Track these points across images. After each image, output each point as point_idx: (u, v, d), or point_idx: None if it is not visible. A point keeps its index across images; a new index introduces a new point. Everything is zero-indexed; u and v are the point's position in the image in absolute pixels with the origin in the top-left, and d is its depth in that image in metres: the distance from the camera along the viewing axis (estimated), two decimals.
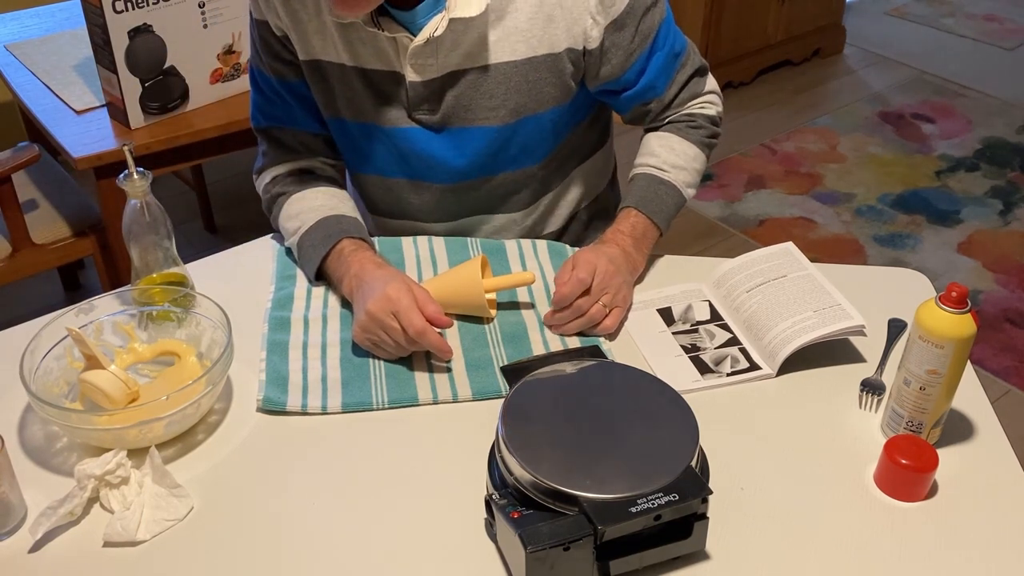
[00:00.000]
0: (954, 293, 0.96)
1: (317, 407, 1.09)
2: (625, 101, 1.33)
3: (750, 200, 3.13)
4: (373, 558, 0.93)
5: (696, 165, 1.36)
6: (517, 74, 1.23)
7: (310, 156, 1.35)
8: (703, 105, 1.37)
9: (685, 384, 1.12)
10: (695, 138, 1.35)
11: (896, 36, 4.35)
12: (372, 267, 1.18)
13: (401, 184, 1.36)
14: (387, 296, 1.10)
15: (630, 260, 1.26)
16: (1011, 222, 3.04)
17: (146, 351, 1.16)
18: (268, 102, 1.32)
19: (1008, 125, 3.60)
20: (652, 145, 1.35)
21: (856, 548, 0.94)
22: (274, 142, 1.34)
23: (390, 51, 1.22)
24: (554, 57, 1.23)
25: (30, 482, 1.00)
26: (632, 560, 0.88)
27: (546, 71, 1.24)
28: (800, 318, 1.15)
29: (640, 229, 1.29)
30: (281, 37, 1.26)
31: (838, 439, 1.07)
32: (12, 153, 1.97)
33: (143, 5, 1.81)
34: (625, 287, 1.22)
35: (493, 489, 0.92)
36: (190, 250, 2.31)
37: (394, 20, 1.20)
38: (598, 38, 1.23)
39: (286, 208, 1.31)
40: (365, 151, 1.34)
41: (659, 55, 1.29)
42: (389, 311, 1.09)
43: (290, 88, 1.30)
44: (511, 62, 1.22)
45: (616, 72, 1.27)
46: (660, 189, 1.31)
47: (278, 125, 1.33)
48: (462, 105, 1.26)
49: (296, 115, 1.32)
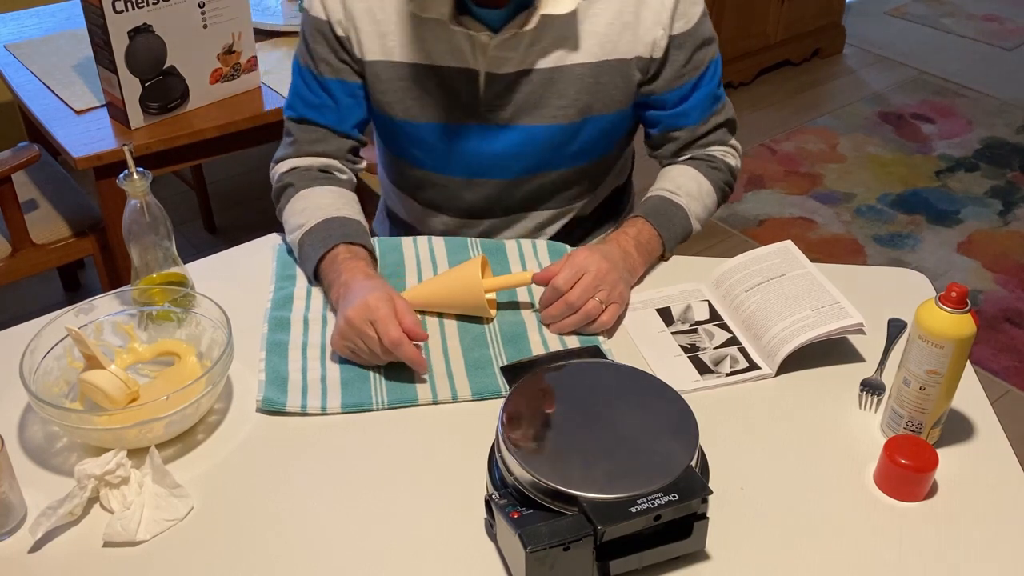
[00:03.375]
0: (954, 293, 0.96)
1: (317, 408, 1.09)
2: (657, 120, 1.37)
3: (750, 200, 3.13)
4: (373, 558, 0.93)
5: (708, 202, 1.37)
6: (589, 75, 1.29)
7: (334, 155, 1.35)
8: (725, 153, 1.40)
9: (684, 384, 1.12)
10: (713, 178, 1.37)
11: (896, 36, 4.35)
12: (361, 277, 1.18)
13: (457, 182, 1.40)
14: (366, 304, 1.09)
15: (629, 260, 1.26)
16: (1011, 222, 3.04)
17: (146, 351, 1.16)
18: (310, 94, 1.33)
19: (1008, 125, 3.60)
20: (672, 174, 1.38)
21: (856, 548, 0.94)
22: (304, 134, 1.35)
23: (466, 48, 1.26)
24: (625, 63, 1.29)
25: (30, 482, 1.00)
26: (632, 560, 0.88)
27: (616, 75, 1.30)
28: (799, 317, 1.15)
29: (645, 236, 1.30)
30: (342, 37, 1.28)
31: (838, 439, 1.07)
32: (12, 153, 1.97)
33: (143, 5, 1.81)
34: (621, 284, 1.21)
35: (493, 489, 0.92)
36: (190, 250, 2.31)
37: (473, 18, 1.23)
38: (663, 48, 1.29)
39: (292, 203, 1.31)
40: (425, 149, 1.37)
41: (703, 90, 1.35)
42: (367, 319, 1.09)
43: (339, 86, 1.32)
44: (585, 64, 1.28)
45: (661, 88, 1.33)
46: (671, 210, 1.33)
47: (314, 119, 1.34)
48: (532, 103, 1.30)
49: (336, 113, 1.33)
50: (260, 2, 2.44)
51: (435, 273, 1.32)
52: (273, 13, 2.39)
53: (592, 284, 1.17)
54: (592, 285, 1.17)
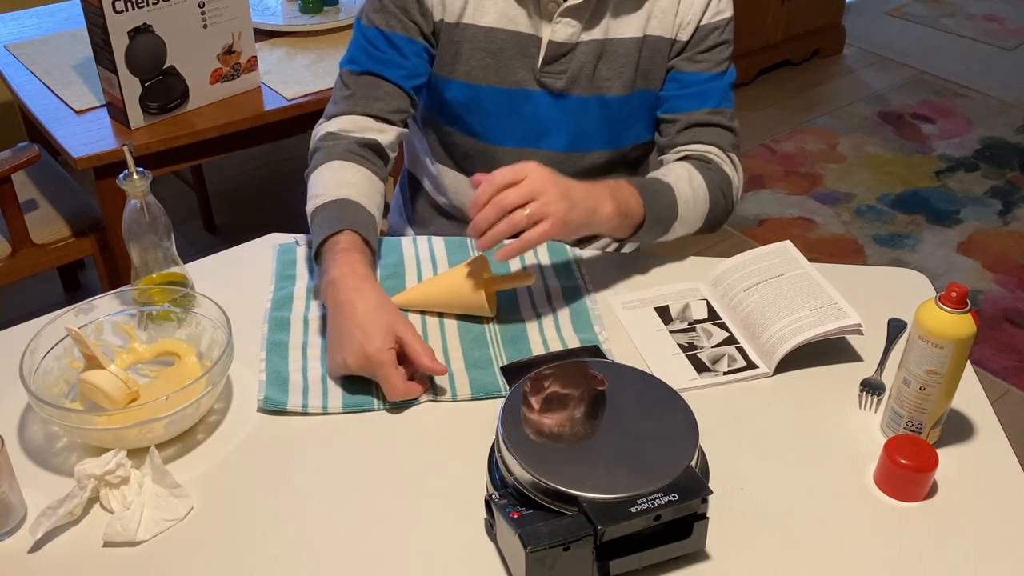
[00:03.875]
0: (954, 293, 0.96)
1: (318, 407, 1.09)
2: (666, 98, 1.40)
3: (750, 200, 3.13)
4: (373, 558, 0.93)
5: (700, 193, 1.31)
6: (635, 49, 1.35)
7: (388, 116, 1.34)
8: (723, 161, 1.38)
9: (681, 382, 1.12)
10: (705, 175, 1.33)
11: (896, 36, 4.35)
12: (350, 280, 1.12)
13: (507, 151, 1.41)
14: (366, 355, 1.06)
15: (593, 195, 1.16)
16: (1011, 222, 3.04)
17: (146, 351, 1.16)
18: (376, 50, 1.34)
19: (1008, 125, 3.61)
20: (661, 168, 1.36)
21: (856, 548, 0.94)
22: (364, 87, 1.34)
23: (533, 12, 1.32)
24: (664, 41, 1.35)
25: (30, 482, 1.00)
26: (632, 560, 0.88)
27: (656, 52, 1.36)
28: (797, 317, 1.15)
29: (625, 193, 1.21)
30: None
31: (838, 439, 1.07)
32: (12, 153, 1.97)
33: (143, 5, 1.81)
34: (562, 203, 1.10)
35: (493, 489, 0.92)
36: (190, 250, 2.31)
37: None
38: (690, 32, 1.35)
39: (321, 170, 1.28)
40: (481, 115, 1.40)
41: (714, 83, 1.38)
42: (368, 370, 1.08)
43: (408, 44, 1.33)
44: (633, 38, 1.34)
45: (676, 66, 1.37)
46: (655, 184, 1.29)
47: (379, 72, 1.34)
48: (586, 73, 1.35)
49: (402, 68, 1.34)
50: (260, 2, 2.44)
51: (435, 273, 1.32)
52: (273, 13, 2.39)
53: (526, 189, 1.09)
54: (526, 191, 1.09)
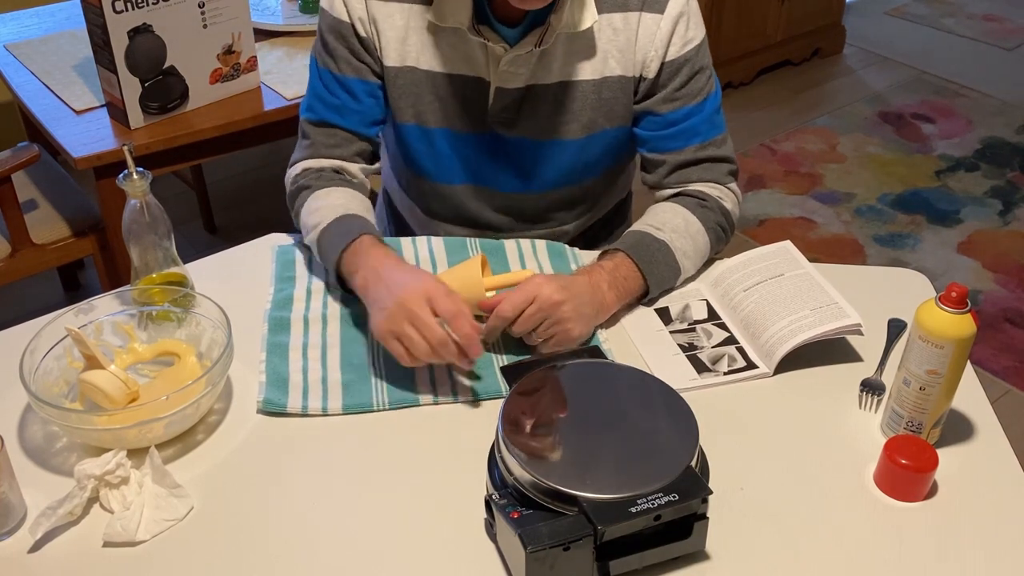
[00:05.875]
0: (954, 293, 0.96)
1: (318, 409, 1.09)
2: (645, 139, 1.34)
3: (750, 200, 3.13)
4: (373, 558, 0.93)
5: (699, 241, 1.28)
6: (593, 92, 1.30)
7: (350, 158, 1.34)
8: (722, 195, 1.33)
9: (681, 382, 1.12)
10: (702, 216, 1.29)
11: (896, 36, 4.35)
12: (392, 262, 1.14)
13: (461, 191, 1.40)
14: (424, 287, 1.06)
15: (596, 295, 1.17)
16: (1011, 222, 3.04)
17: (146, 351, 1.16)
18: (330, 95, 1.32)
19: (1008, 125, 3.60)
20: (656, 211, 1.31)
21: (856, 548, 0.94)
22: (322, 137, 1.33)
23: (480, 58, 1.27)
24: (625, 80, 1.30)
25: (30, 482, 1.00)
26: (632, 560, 0.88)
27: (618, 90, 1.30)
28: (797, 317, 1.15)
29: (623, 273, 1.21)
30: (364, 38, 1.29)
31: (838, 439, 1.07)
32: (12, 153, 1.97)
33: (143, 5, 1.81)
34: (573, 322, 1.12)
35: (493, 489, 0.92)
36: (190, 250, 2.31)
37: (491, 29, 1.24)
38: (655, 71, 1.28)
39: (308, 203, 1.28)
40: (433, 157, 1.38)
41: (698, 117, 1.31)
42: (423, 300, 1.05)
43: (360, 85, 1.31)
44: (590, 80, 1.29)
45: (652, 108, 1.31)
46: (653, 245, 1.24)
47: (334, 122, 1.33)
48: (539, 118, 1.31)
49: (356, 114, 1.32)
50: (260, 2, 2.44)
51: (435, 273, 1.32)
52: (273, 13, 2.39)
53: (536, 315, 1.10)
54: (535, 316, 1.10)
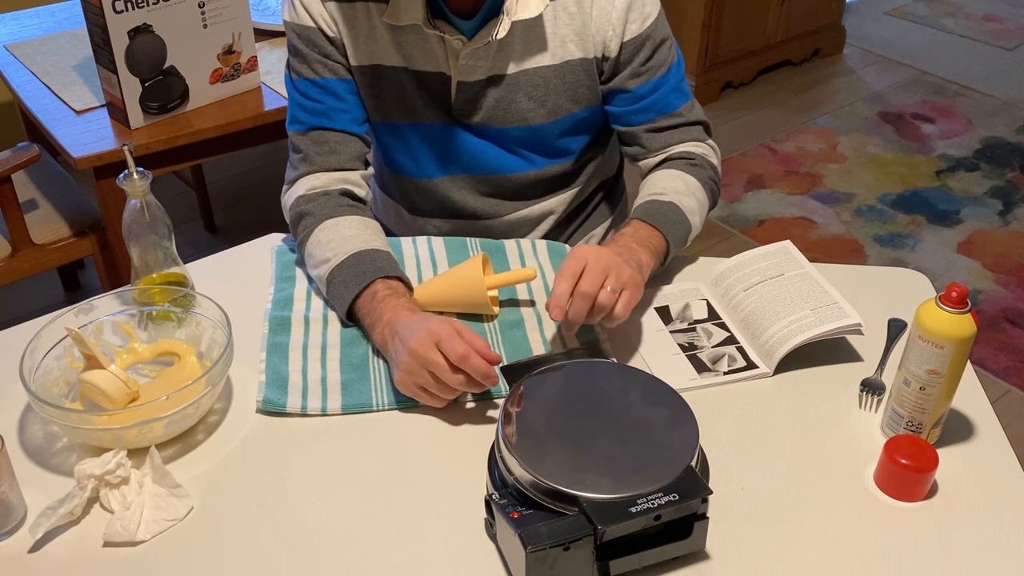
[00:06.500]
0: (954, 293, 0.96)
1: (317, 409, 1.09)
2: (619, 115, 1.36)
3: (750, 200, 3.13)
4: (373, 558, 0.93)
5: (700, 197, 1.31)
6: (555, 76, 1.30)
7: (347, 165, 1.32)
8: (706, 152, 1.36)
9: (681, 382, 1.12)
10: (697, 175, 1.32)
11: (896, 36, 4.35)
12: (406, 314, 1.12)
13: (446, 182, 1.42)
14: (429, 330, 1.05)
15: (632, 252, 1.18)
16: (1011, 222, 3.04)
17: (146, 351, 1.16)
18: (313, 102, 1.31)
19: (1008, 125, 3.60)
20: (653, 179, 1.33)
21: (856, 548, 0.94)
22: (314, 146, 1.31)
23: (439, 53, 1.29)
24: (587, 62, 1.30)
25: (30, 482, 1.00)
26: (632, 560, 0.88)
27: (581, 73, 1.31)
28: (797, 317, 1.15)
29: (644, 233, 1.23)
30: (333, 38, 1.29)
31: (838, 439, 1.07)
32: (12, 153, 1.97)
33: (143, 5, 1.81)
34: (628, 268, 1.12)
35: (493, 489, 0.92)
36: (190, 250, 2.31)
37: (448, 23, 1.25)
38: (615, 50, 1.29)
39: (316, 233, 1.25)
40: (411, 152, 1.40)
41: (665, 87, 1.34)
42: (431, 344, 1.04)
43: (340, 84, 1.31)
44: (550, 66, 1.30)
45: (620, 85, 1.33)
46: (662, 208, 1.27)
47: (323, 126, 1.31)
48: (502, 107, 1.32)
49: (345, 113, 1.32)
50: (260, 2, 2.44)
51: (435, 273, 1.32)
52: (273, 13, 2.39)
53: (598, 270, 1.09)
54: (599, 270, 1.09)
